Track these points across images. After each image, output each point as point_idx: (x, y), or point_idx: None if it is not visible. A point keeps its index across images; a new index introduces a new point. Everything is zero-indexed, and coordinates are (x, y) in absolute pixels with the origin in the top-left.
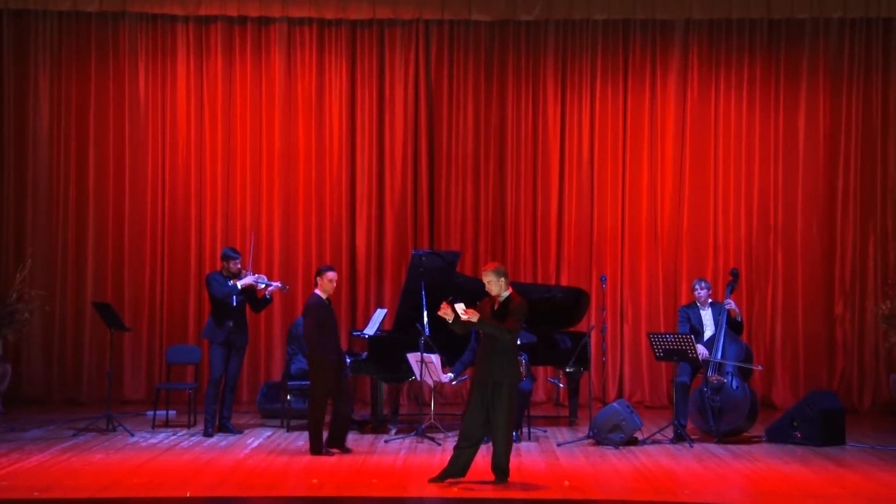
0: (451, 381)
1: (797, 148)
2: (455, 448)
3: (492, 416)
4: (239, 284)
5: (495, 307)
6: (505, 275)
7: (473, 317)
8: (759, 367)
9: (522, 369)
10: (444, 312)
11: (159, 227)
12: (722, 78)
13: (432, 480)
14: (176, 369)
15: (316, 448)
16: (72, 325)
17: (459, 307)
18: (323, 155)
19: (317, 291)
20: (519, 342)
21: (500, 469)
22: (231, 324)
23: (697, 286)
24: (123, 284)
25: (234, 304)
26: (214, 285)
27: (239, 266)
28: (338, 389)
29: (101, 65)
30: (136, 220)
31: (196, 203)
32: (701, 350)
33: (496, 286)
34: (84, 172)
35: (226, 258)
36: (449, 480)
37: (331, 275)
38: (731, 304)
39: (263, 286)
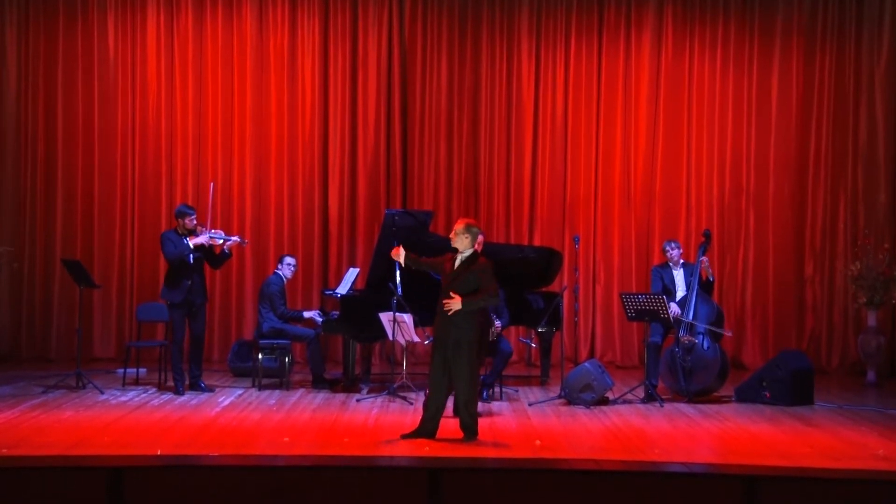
0: (426, 341)
1: (770, 109)
2: (423, 410)
3: (453, 375)
4: (191, 244)
5: (455, 265)
6: (474, 234)
7: (456, 304)
8: (729, 333)
9: (494, 329)
10: (397, 254)
11: (129, 183)
12: (696, 37)
13: (405, 436)
14: (146, 327)
15: None
16: (41, 281)
17: (455, 302)
18: (295, 113)
19: None
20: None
21: (467, 427)
22: (189, 283)
23: (668, 246)
24: (93, 241)
25: (192, 261)
26: (168, 245)
27: (195, 222)
28: None
29: (70, 19)
30: (105, 177)
31: (167, 160)
32: (673, 308)
33: (460, 242)
34: (52, 129)
35: (180, 215)
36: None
37: None
38: (704, 260)
39: (221, 241)
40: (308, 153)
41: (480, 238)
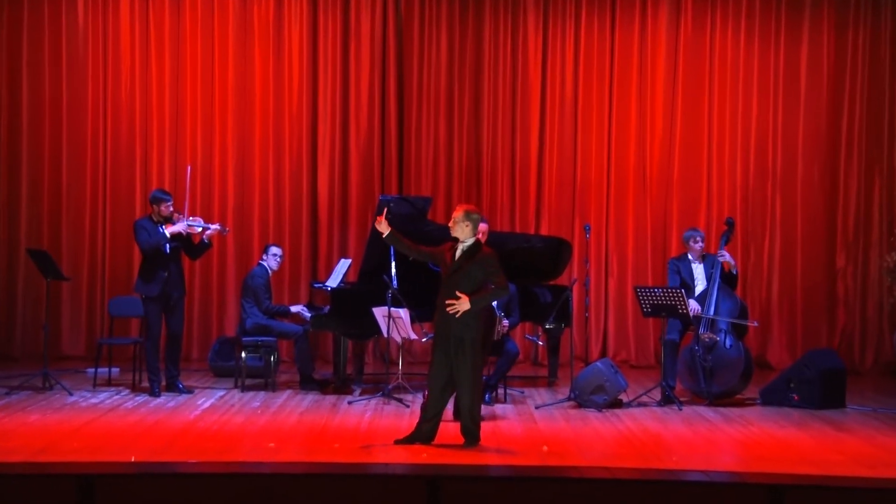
0: (424, 338)
1: (798, 86)
2: (421, 412)
3: (455, 375)
4: (167, 232)
5: (455, 255)
6: (475, 221)
7: (465, 304)
8: (755, 324)
9: (500, 328)
10: (380, 224)
11: (100, 166)
12: (718, 7)
13: (398, 441)
14: (119, 323)
15: None
16: (4, 273)
17: (463, 302)
18: (282, 90)
19: None
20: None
21: (468, 431)
22: (166, 274)
23: (697, 236)
24: (61, 229)
25: (168, 251)
26: (142, 234)
27: (171, 209)
28: None
29: None
30: (74, 159)
31: (141, 140)
32: (692, 305)
33: (460, 230)
34: (17, 107)
35: (155, 201)
36: (418, 446)
37: None
38: (725, 255)
39: (200, 230)
40: (296, 134)
41: (484, 226)
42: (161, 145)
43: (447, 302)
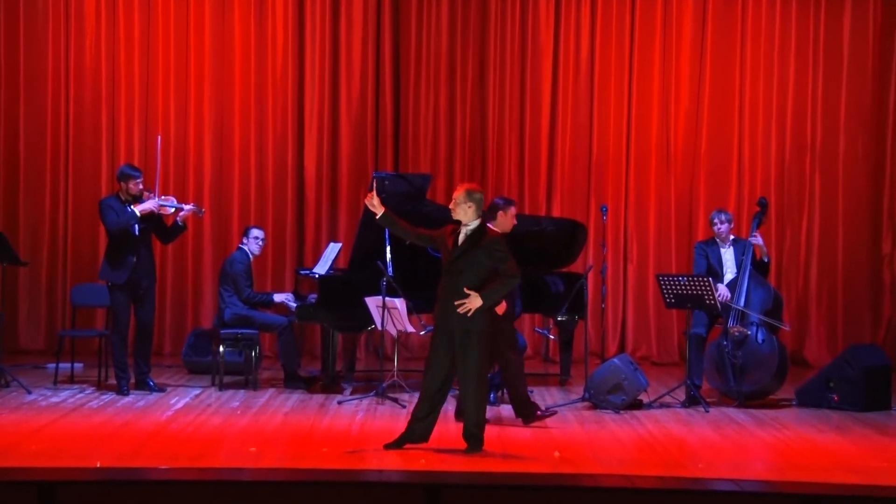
0: (422, 331)
1: (841, 52)
2: (414, 411)
3: (459, 374)
4: (137, 211)
5: (458, 240)
6: (478, 202)
7: (476, 301)
8: (786, 327)
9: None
10: (370, 202)
11: (62, 139)
12: None
13: (388, 446)
14: (83, 313)
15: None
16: None
17: (473, 299)
18: (264, 54)
19: None
20: None
21: (473, 436)
22: (134, 260)
23: (717, 219)
24: (18, 210)
25: (137, 233)
26: (109, 214)
27: (141, 187)
28: None
29: None
30: (33, 132)
31: (108, 111)
32: (721, 290)
33: (461, 212)
34: None
35: (123, 178)
36: (407, 445)
37: None
38: (757, 239)
39: (173, 210)
40: (280, 103)
41: (513, 210)
42: (130, 116)
43: (456, 304)
